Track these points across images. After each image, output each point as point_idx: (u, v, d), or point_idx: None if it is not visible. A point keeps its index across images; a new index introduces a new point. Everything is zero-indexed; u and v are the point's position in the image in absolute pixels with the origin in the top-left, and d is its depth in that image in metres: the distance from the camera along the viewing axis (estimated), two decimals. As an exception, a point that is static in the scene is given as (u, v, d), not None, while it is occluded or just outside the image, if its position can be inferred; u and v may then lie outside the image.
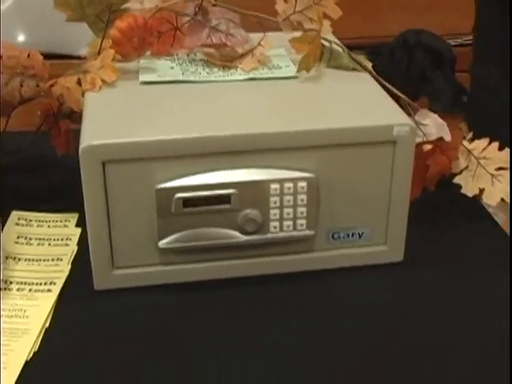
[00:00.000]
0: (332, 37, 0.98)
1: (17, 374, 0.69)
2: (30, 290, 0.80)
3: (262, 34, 0.94)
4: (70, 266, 0.84)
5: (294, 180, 0.79)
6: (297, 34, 0.92)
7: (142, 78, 0.89)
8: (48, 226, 0.91)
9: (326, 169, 0.80)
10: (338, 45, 0.94)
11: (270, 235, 0.81)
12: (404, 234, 0.85)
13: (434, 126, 0.91)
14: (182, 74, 0.90)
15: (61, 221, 0.92)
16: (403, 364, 0.73)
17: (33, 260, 0.85)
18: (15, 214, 0.93)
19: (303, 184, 0.79)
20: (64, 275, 0.83)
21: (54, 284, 0.81)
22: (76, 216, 0.92)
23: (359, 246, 0.85)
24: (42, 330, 0.75)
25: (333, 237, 0.84)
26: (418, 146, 0.91)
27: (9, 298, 0.79)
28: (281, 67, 0.92)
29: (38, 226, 0.91)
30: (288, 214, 0.80)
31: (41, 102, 0.94)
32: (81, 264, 0.84)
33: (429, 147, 0.92)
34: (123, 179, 0.76)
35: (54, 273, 0.83)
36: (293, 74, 0.90)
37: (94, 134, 0.77)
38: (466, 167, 0.93)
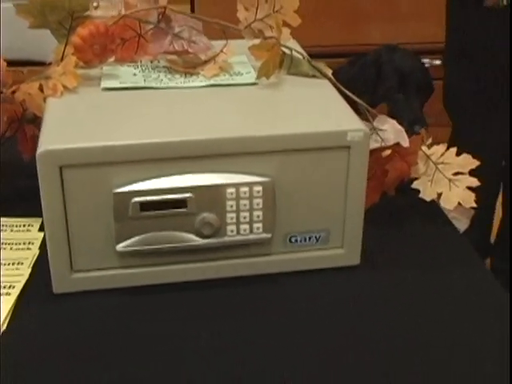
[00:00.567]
0: (295, 44, 1.00)
1: (-28, 376, 0.70)
2: (-11, 293, 0.81)
3: (225, 41, 0.95)
4: (30, 270, 0.85)
5: (250, 184, 0.80)
6: (258, 41, 0.93)
7: (104, 84, 0.90)
8: (11, 230, 0.92)
9: (281, 173, 0.81)
10: (298, 52, 0.95)
11: (226, 238, 0.82)
12: (360, 238, 0.86)
13: (392, 131, 0.93)
14: (144, 80, 0.91)
15: (24, 225, 0.93)
16: (363, 365, 0.74)
17: (-6, 264, 0.86)
18: (-22, 218, 0.94)
19: (259, 188, 0.80)
20: (24, 279, 0.84)
21: (13, 288, 0.82)
22: (39, 220, 0.93)
23: (316, 249, 0.86)
24: (-1, 332, 0.76)
25: (290, 240, 0.85)
26: (377, 152, 0.92)
27: (-32, 301, 0.80)
28: (242, 74, 0.93)
29: (1, 230, 0.92)
30: (244, 217, 0.81)
31: (5, 107, 0.95)
32: (42, 268, 0.85)
33: (388, 152, 0.94)
34: (81, 184, 0.78)
35: (13, 276, 0.84)
36: (253, 80, 0.91)
37: (52, 138, 0.78)
38: (425, 172, 0.95)
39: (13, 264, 0.86)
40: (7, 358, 0.73)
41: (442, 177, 0.94)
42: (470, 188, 0.94)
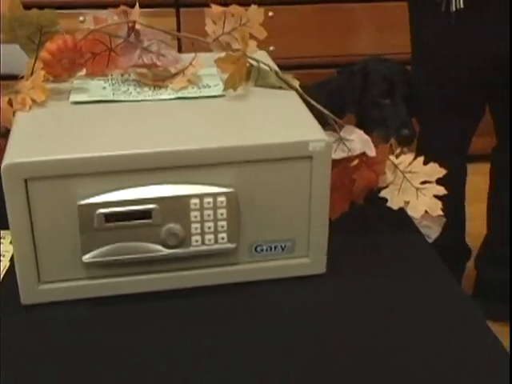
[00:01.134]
0: (264, 56, 1.02)
1: None
2: (-42, 305, 0.82)
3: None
4: (-1, 282, 0.86)
5: (214, 195, 0.81)
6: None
7: (73, 97, 0.91)
8: (-17, 242, 0.93)
9: (245, 184, 0.82)
10: (266, 64, 0.97)
11: (192, 248, 0.83)
12: (325, 247, 0.87)
13: (358, 141, 0.94)
14: (113, 94, 0.93)
15: (-4, 238, 0.94)
16: (330, 373, 0.75)
17: (-36, 276, 0.87)
18: (-49, 231, 0.95)
19: (222, 199, 0.81)
20: (-8, 290, 0.85)
21: (-18, 299, 0.83)
22: (11, 233, 0.94)
23: (282, 258, 0.87)
24: (-35, 343, 0.77)
25: (255, 249, 0.86)
26: (344, 161, 0.94)
27: None
28: (210, 86, 0.95)
29: (-28, 242, 0.93)
30: (209, 227, 0.82)
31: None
32: (11, 279, 0.86)
33: (355, 162, 0.95)
34: (46, 196, 0.79)
35: (-17, 288, 0.85)
36: (220, 92, 0.93)
37: (18, 151, 0.79)
38: (393, 181, 0.96)
39: (-17, 276, 0.87)
40: (-27, 368, 0.75)
41: (410, 185, 0.96)
42: (436, 196, 0.95)
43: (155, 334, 0.80)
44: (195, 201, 0.81)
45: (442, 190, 0.94)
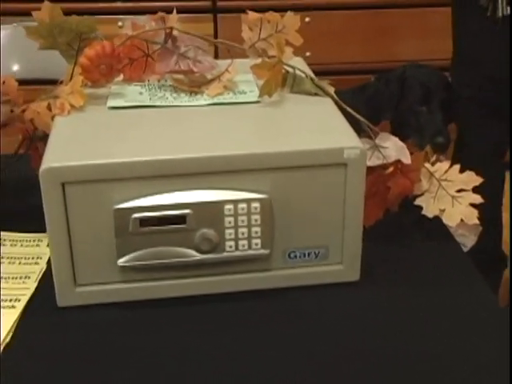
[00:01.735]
0: (301, 63, 1.02)
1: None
2: (-4, 306, 0.84)
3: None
4: (36, 284, 0.88)
5: (248, 201, 0.81)
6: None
7: (110, 103, 0.92)
8: (21, 245, 0.95)
9: (279, 190, 0.82)
10: (302, 70, 0.97)
11: (225, 254, 0.83)
12: (359, 254, 0.87)
13: (394, 148, 0.93)
14: (150, 99, 0.94)
15: (33, 240, 0.96)
16: (365, 380, 0.75)
17: (2, 278, 0.88)
18: (-9, 233, 0.97)
19: (257, 205, 0.82)
20: (29, 292, 0.86)
21: (19, 301, 0.84)
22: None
23: (315, 265, 0.87)
24: (2, 343, 0.78)
25: (289, 256, 0.86)
26: (379, 169, 0.93)
27: (-25, 313, 0.83)
28: (245, 92, 0.95)
29: (11, 245, 0.95)
30: (243, 233, 0.83)
31: (17, 126, 0.98)
32: (47, 282, 0.87)
33: (390, 169, 0.94)
34: (82, 200, 0.80)
35: (20, 290, 0.86)
36: (255, 98, 0.93)
37: (56, 156, 0.80)
38: (428, 189, 0.95)
39: (20, 278, 0.89)
40: (10, 368, 0.76)
41: (445, 194, 0.95)
42: (472, 204, 0.94)
43: (187, 339, 0.80)
44: (229, 206, 0.81)
45: (478, 199, 0.93)
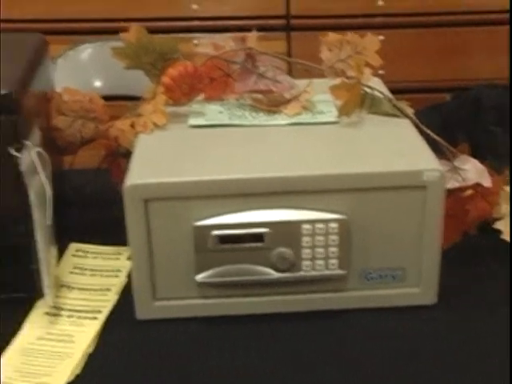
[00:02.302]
0: (378, 83, 1.02)
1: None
2: (78, 317, 0.87)
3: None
4: (116, 296, 0.90)
5: (326, 221, 0.82)
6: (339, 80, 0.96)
7: (191, 121, 0.95)
8: (102, 258, 0.98)
9: (357, 211, 0.83)
10: (380, 91, 0.97)
11: (302, 273, 0.84)
12: (437, 277, 0.86)
13: (473, 171, 0.92)
14: (229, 118, 0.95)
15: (114, 253, 0.99)
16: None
17: (84, 289, 0.92)
18: (73, 245, 1.00)
19: (334, 225, 0.82)
20: (110, 304, 0.89)
21: (100, 312, 0.87)
22: (128, 250, 0.98)
23: (392, 287, 0.87)
24: (84, 354, 0.81)
25: (366, 277, 0.86)
26: (457, 191, 0.92)
27: (59, 323, 0.86)
28: (324, 112, 0.96)
29: (93, 257, 0.98)
30: (320, 253, 0.83)
31: (101, 142, 1.02)
32: (127, 295, 0.89)
33: (469, 192, 0.93)
34: (164, 216, 0.82)
35: (101, 302, 0.89)
36: (334, 119, 0.94)
37: (139, 173, 0.83)
38: (507, 212, 0.94)
39: (101, 290, 0.91)
40: (90, 378, 0.78)
41: (525, 218, 0.93)
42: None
43: (263, 356, 0.81)
44: (307, 226, 0.82)
45: (558, 224, 0.92)
